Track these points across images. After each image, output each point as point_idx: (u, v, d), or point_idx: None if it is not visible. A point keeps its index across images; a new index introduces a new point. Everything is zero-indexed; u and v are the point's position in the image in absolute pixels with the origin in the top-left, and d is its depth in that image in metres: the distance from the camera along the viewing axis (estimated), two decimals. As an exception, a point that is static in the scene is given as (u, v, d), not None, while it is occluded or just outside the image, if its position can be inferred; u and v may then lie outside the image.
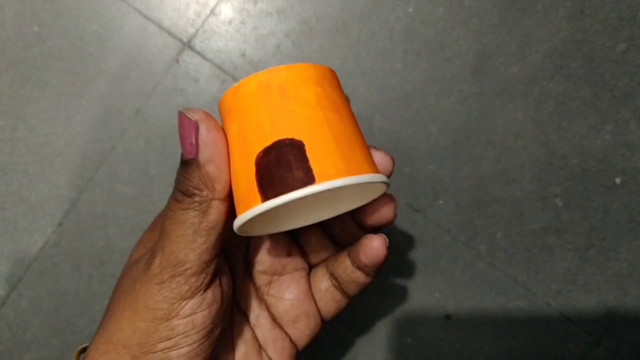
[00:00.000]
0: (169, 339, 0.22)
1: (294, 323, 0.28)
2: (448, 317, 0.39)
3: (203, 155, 0.21)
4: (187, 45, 0.39)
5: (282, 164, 0.20)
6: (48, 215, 0.39)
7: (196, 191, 0.22)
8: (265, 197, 0.20)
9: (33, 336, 0.39)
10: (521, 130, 0.39)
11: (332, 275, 0.28)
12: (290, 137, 0.20)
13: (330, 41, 0.39)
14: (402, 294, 0.39)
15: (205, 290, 0.23)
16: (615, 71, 0.39)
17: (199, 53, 0.39)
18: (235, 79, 0.39)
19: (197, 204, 0.22)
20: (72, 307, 0.39)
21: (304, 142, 0.20)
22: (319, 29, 0.39)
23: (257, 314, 0.28)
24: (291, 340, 0.28)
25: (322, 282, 0.28)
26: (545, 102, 0.39)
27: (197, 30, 0.39)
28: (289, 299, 0.28)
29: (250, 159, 0.21)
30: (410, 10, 0.39)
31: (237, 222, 0.21)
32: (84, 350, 0.27)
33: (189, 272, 0.22)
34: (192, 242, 0.22)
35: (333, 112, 0.21)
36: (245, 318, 0.28)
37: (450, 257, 0.39)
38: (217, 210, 0.22)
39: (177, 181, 0.22)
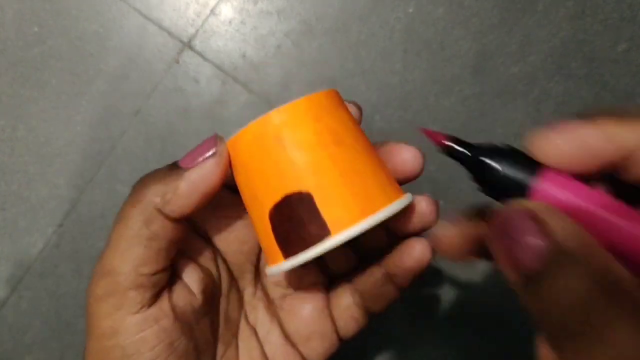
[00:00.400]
0: (123, 358, 0.20)
1: (307, 341, 0.26)
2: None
3: (190, 174, 0.20)
4: (187, 45, 0.39)
5: (294, 221, 0.20)
6: (48, 215, 0.39)
7: (151, 191, 0.20)
8: (286, 253, 0.20)
9: (33, 338, 0.39)
10: (521, 130, 0.39)
11: (357, 291, 0.26)
12: (297, 190, 0.19)
13: (330, 41, 0.39)
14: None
15: (149, 306, 0.21)
16: (615, 71, 0.39)
17: (199, 53, 0.39)
18: (235, 80, 0.39)
19: (141, 205, 0.20)
20: (72, 309, 0.39)
21: (312, 193, 0.19)
22: (319, 29, 0.39)
23: (267, 329, 0.26)
24: (303, 358, 0.26)
25: (343, 298, 0.26)
26: (546, 102, 0.39)
27: (197, 31, 0.39)
28: (304, 316, 0.26)
29: (264, 214, 0.20)
30: (410, 10, 0.39)
31: (268, 273, 0.21)
32: None
33: (123, 284, 0.20)
34: (127, 249, 0.20)
35: (337, 146, 0.20)
36: (254, 333, 0.26)
37: (451, 258, 0.39)
38: (160, 224, 0.20)
39: (147, 174, 0.21)
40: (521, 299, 0.14)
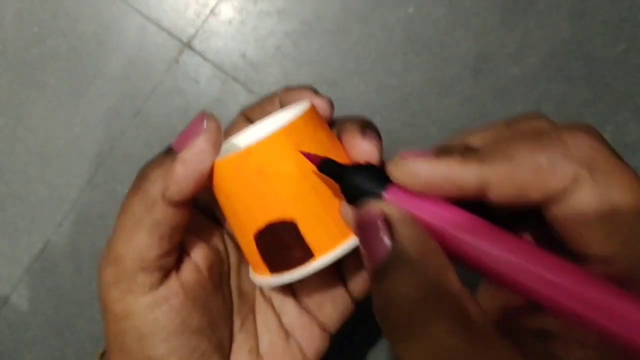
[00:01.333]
0: (139, 339, 0.21)
1: (321, 307, 0.26)
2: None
3: (183, 155, 0.20)
4: (187, 45, 0.39)
5: (279, 245, 0.20)
6: (47, 215, 0.39)
7: (150, 179, 0.21)
8: (271, 269, 0.21)
9: (33, 337, 0.39)
10: (521, 131, 0.39)
11: None
12: (281, 218, 0.20)
13: (330, 41, 0.39)
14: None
15: (158, 287, 0.21)
16: (615, 71, 0.39)
17: (198, 53, 0.39)
18: (235, 80, 0.39)
19: (142, 193, 0.21)
20: (72, 308, 0.39)
21: (296, 220, 0.20)
22: (319, 29, 0.39)
23: (281, 300, 0.26)
24: (320, 325, 0.26)
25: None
26: (545, 103, 0.39)
27: (197, 31, 0.39)
28: (314, 280, 0.25)
29: (248, 235, 0.21)
30: (411, 10, 0.39)
31: (255, 281, 0.22)
32: (104, 353, 0.27)
33: (130, 270, 0.21)
34: (131, 237, 0.21)
35: (317, 174, 0.20)
36: (270, 305, 0.26)
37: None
38: (161, 210, 0.21)
39: (146, 163, 0.22)
40: (370, 290, 0.17)
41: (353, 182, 0.18)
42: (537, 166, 0.16)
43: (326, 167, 0.19)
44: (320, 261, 0.20)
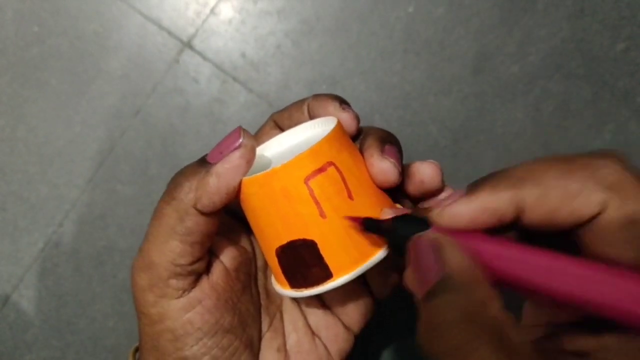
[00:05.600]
0: (175, 340, 0.22)
1: (345, 308, 0.27)
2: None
3: (217, 168, 0.21)
4: (187, 45, 0.39)
5: (299, 262, 0.21)
6: (48, 215, 0.39)
7: (184, 189, 0.21)
8: (291, 284, 0.22)
9: (34, 336, 0.39)
10: (521, 130, 0.39)
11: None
12: (302, 237, 0.21)
13: (330, 41, 0.39)
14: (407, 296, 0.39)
15: (191, 290, 0.22)
16: (615, 70, 0.39)
17: (198, 53, 0.39)
18: (235, 79, 0.39)
19: (176, 202, 0.21)
20: (73, 308, 0.39)
21: (317, 241, 0.21)
22: (319, 28, 0.39)
23: (307, 300, 0.27)
24: (344, 325, 0.27)
25: None
26: (545, 102, 0.39)
27: (197, 30, 0.39)
28: None
29: (271, 248, 0.22)
30: (411, 10, 0.39)
31: (276, 290, 0.23)
32: (137, 349, 0.27)
33: (163, 276, 0.21)
34: (164, 244, 0.21)
35: (339, 195, 0.21)
36: (297, 304, 0.27)
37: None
38: (193, 220, 0.21)
39: (179, 171, 0.22)
40: (419, 312, 0.17)
41: (399, 233, 0.20)
42: (567, 192, 0.17)
43: (369, 226, 0.20)
44: (339, 281, 0.21)
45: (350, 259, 0.21)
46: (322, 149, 0.21)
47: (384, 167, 0.22)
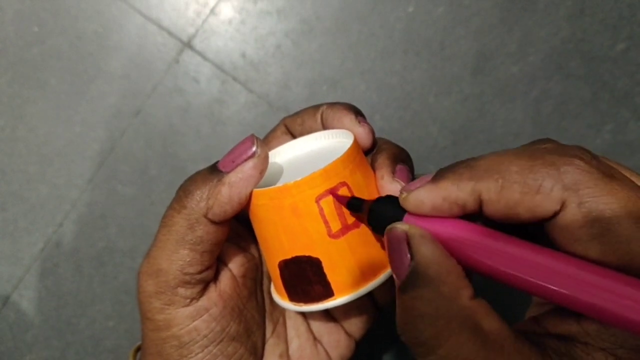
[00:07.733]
0: (180, 347, 0.22)
1: (347, 315, 0.27)
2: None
3: (230, 177, 0.21)
4: (187, 45, 0.39)
5: (302, 278, 0.21)
6: (48, 215, 0.39)
7: (195, 197, 0.21)
8: (290, 297, 0.22)
9: (34, 336, 0.39)
10: (521, 130, 0.39)
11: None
12: (307, 254, 0.21)
13: (330, 41, 0.39)
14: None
15: (199, 298, 0.22)
16: (614, 71, 0.39)
17: (198, 53, 0.39)
18: (235, 79, 0.39)
19: (186, 210, 0.21)
20: (73, 308, 0.39)
21: (321, 259, 0.21)
22: (319, 28, 0.39)
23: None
24: (346, 332, 0.27)
25: None
26: (545, 102, 0.39)
27: (197, 30, 0.39)
28: None
29: (274, 261, 0.22)
30: (411, 9, 0.39)
31: (276, 301, 0.23)
32: (139, 348, 0.27)
33: (171, 283, 0.21)
34: (174, 252, 0.21)
35: (348, 216, 0.21)
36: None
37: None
38: (204, 229, 0.21)
39: (189, 178, 0.22)
40: (396, 302, 0.18)
41: (376, 213, 0.20)
42: (527, 187, 0.17)
43: (351, 204, 0.21)
44: (339, 300, 0.21)
45: (353, 280, 0.21)
46: (337, 169, 0.21)
47: (394, 191, 0.22)
